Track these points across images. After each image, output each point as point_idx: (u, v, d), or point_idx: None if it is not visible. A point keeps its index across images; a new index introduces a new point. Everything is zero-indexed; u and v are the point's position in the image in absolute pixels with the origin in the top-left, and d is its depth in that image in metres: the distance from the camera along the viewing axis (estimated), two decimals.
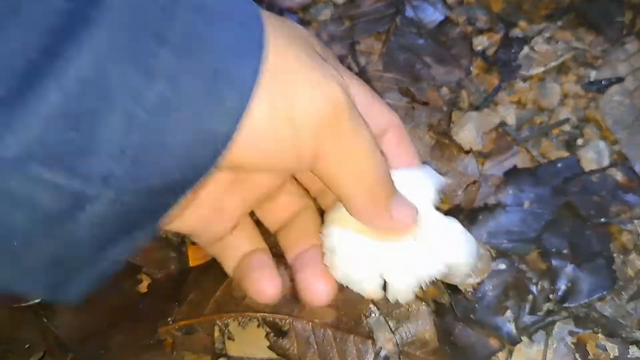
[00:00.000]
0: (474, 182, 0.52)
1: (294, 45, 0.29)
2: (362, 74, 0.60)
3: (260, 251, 0.39)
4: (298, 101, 0.27)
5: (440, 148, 0.54)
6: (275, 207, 0.40)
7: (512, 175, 0.52)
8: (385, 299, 0.44)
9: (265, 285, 0.37)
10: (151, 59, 0.24)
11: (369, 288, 0.35)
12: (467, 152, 0.54)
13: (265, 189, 0.38)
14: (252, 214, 0.40)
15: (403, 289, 0.35)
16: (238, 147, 0.27)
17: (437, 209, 0.37)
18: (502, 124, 0.57)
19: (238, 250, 0.38)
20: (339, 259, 0.35)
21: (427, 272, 0.34)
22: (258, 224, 0.40)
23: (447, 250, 0.35)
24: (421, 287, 0.41)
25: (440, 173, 0.39)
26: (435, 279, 0.42)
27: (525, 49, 0.61)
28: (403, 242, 0.35)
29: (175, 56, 0.24)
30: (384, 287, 0.35)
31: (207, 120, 0.26)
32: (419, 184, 0.37)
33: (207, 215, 0.36)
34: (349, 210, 0.34)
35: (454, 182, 0.52)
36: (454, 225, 0.36)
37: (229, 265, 0.39)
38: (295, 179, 0.41)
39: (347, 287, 0.35)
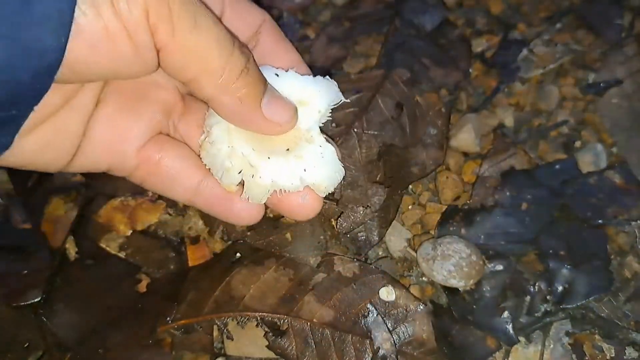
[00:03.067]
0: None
1: None
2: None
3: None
4: None
5: None
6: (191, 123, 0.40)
7: (510, 176, 0.52)
8: (384, 300, 0.45)
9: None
10: None
11: (225, 180, 0.37)
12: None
13: (166, 105, 0.39)
14: None
15: (256, 192, 0.37)
16: (73, 56, 0.28)
17: (329, 122, 0.39)
18: (500, 126, 0.57)
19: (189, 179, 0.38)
20: (208, 141, 0.37)
21: (284, 183, 0.37)
22: None
23: (312, 172, 0.37)
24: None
25: None
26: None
27: (524, 52, 0.61)
28: (275, 148, 0.37)
29: None
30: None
31: (26, 33, 0.26)
32: (310, 95, 0.38)
33: (108, 141, 0.36)
34: (218, 113, 0.35)
35: None
36: (328, 151, 0.38)
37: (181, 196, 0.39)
38: None
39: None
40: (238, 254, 0.48)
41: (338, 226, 0.48)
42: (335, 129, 0.52)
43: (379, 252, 0.50)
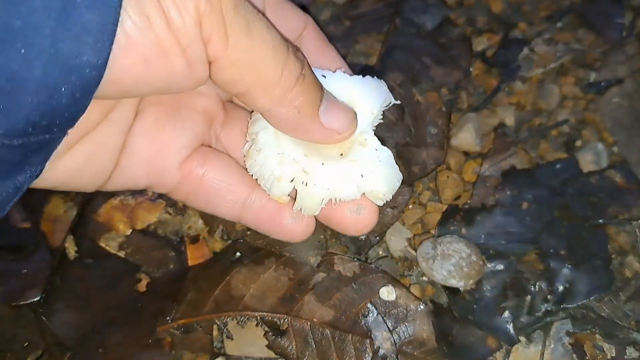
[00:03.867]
0: None
1: None
2: None
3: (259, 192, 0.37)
4: (170, 3, 0.25)
5: None
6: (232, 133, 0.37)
7: (510, 176, 0.52)
8: (383, 299, 0.45)
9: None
10: None
11: (276, 190, 0.34)
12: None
13: (208, 115, 0.36)
14: None
15: (310, 202, 0.34)
16: (118, 68, 0.25)
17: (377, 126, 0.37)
18: (501, 125, 0.57)
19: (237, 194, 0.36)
20: (255, 149, 0.34)
21: (340, 193, 0.34)
22: None
23: (369, 177, 0.34)
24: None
25: None
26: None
27: (525, 50, 0.61)
28: (328, 153, 0.34)
29: None
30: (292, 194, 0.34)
31: (64, 47, 0.23)
32: (360, 95, 0.36)
33: (149, 156, 0.34)
34: (272, 124, 0.33)
35: None
36: (385, 154, 0.36)
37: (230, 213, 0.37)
38: None
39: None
40: (238, 253, 0.48)
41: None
42: None
43: (379, 251, 0.49)
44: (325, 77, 0.35)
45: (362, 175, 0.34)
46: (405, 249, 0.49)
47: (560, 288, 0.45)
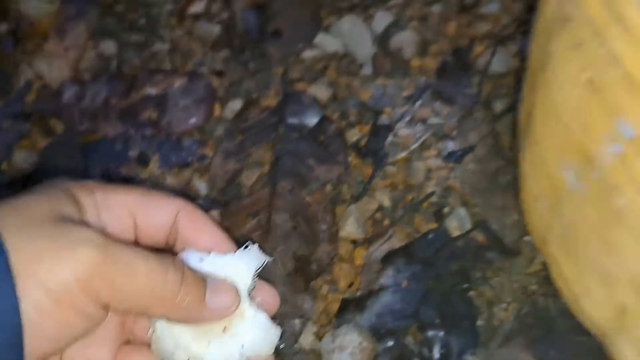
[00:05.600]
0: None
1: (31, 230, 0.32)
2: None
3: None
4: (54, 281, 0.32)
5: None
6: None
7: (391, 257, 0.61)
8: None
9: None
10: None
11: None
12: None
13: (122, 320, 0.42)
14: None
15: None
16: (33, 350, 0.32)
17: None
18: (380, 208, 0.66)
19: None
20: (155, 336, 0.41)
21: None
22: None
23: (249, 345, 0.42)
24: None
25: None
26: None
27: (390, 137, 0.70)
28: (213, 330, 0.41)
29: None
30: None
31: None
32: (235, 270, 0.43)
33: None
34: (170, 321, 0.40)
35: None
36: (260, 319, 0.43)
37: None
38: None
39: None
40: None
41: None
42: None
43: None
44: (202, 259, 0.42)
45: (242, 346, 0.42)
46: (314, 342, 0.58)
47: (437, 355, 0.55)
